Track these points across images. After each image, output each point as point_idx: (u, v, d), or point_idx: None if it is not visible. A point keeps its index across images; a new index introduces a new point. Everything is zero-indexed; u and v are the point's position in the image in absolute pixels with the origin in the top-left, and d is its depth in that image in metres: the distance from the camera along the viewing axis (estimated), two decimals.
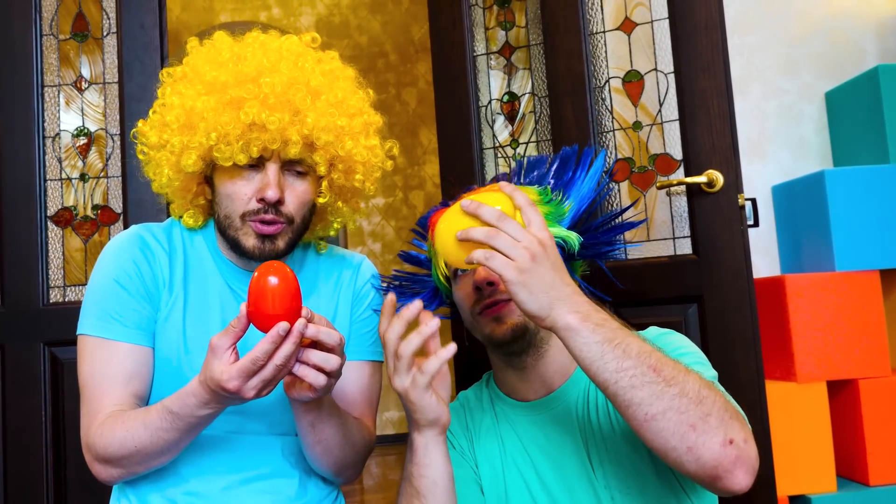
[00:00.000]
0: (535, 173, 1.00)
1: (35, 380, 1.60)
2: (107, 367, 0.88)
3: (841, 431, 1.72)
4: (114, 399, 0.86)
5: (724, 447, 0.68)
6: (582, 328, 0.71)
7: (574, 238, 0.90)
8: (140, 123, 0.93)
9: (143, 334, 0.90)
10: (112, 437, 0.83)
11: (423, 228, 1.04)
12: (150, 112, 0.92)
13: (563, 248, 0.91)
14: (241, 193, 0.87)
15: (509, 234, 0.72)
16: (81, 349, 0.90)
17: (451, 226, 0.75)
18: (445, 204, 1.01)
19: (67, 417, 1.60)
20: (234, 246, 0.90)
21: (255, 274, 0.73)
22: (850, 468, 1.71)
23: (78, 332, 0.91)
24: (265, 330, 0.73)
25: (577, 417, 0.90)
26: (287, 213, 0.89)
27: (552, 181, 0.96)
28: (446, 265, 0.95)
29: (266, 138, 0.84)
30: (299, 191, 0.90)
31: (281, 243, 0.89)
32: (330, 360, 0.76)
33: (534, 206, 0.75)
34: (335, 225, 1.02)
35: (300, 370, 0.76)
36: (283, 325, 0.71)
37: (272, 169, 0.87)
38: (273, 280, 0.72)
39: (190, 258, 0.95)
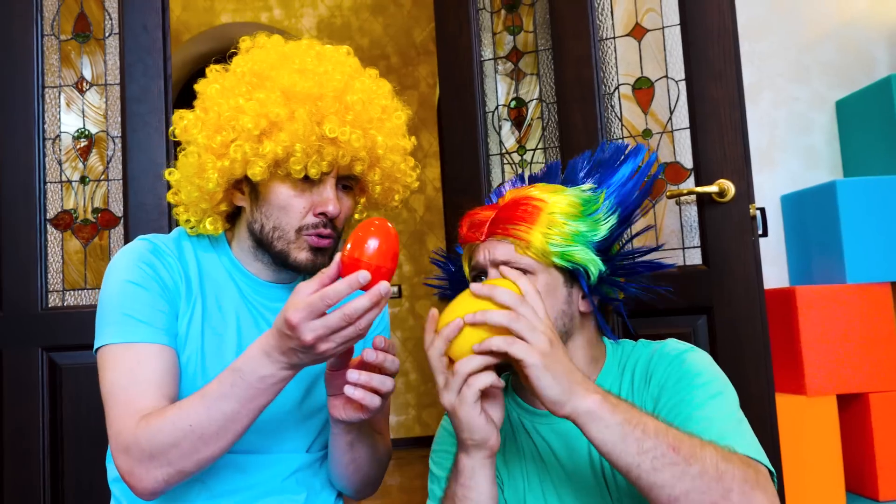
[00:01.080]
0: (577, 168, 0.98)
1: (33, 385, 1.57)
2: (135, 370, 0.81)
3: (850, 446, 1.69)
4: (148, 402, 0.80)
5: None
6: (602, 411, 0.71)
7: (595, 267, 0.88)
8: (182, 121, 0.88)
9: (169, 336, 0.85)
10: (163, 423, 0.76)
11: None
12: (197, 111, 0.88)
13: (586, 275, 0.89)
14: (297, 207, 0.85)
15: (528, 318, 0.72)
16: (103, 362, 0.84)
17: (460, 312, 0.74)
18: (490, 200, 1.00)
19: (66, 424, 1.57)
20: (280, 258, 0.87)
21: (361, 226, 0.72)
22: (860, 483, 1.69)
23: (97, 346, 0.85)
24: None
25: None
26: (338, 226, 0.89)
27: (597, 175, 0.95)
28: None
29: (338, 153, 0.83)
30: (346, 205, 0.89)
31: (327, 257, 0.89)
32: (387, 383, 0.76)
33: (538, 294, 0.75)
34: None
35: (356, 393, 0.75)
36: (363, 274, 0.69)
37: (332, 183, 0.86)
38: (375, 238, 0.71)
39: (204, 270, 0.92)
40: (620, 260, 0.93)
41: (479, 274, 0.90)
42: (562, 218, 0.87)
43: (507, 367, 0.89)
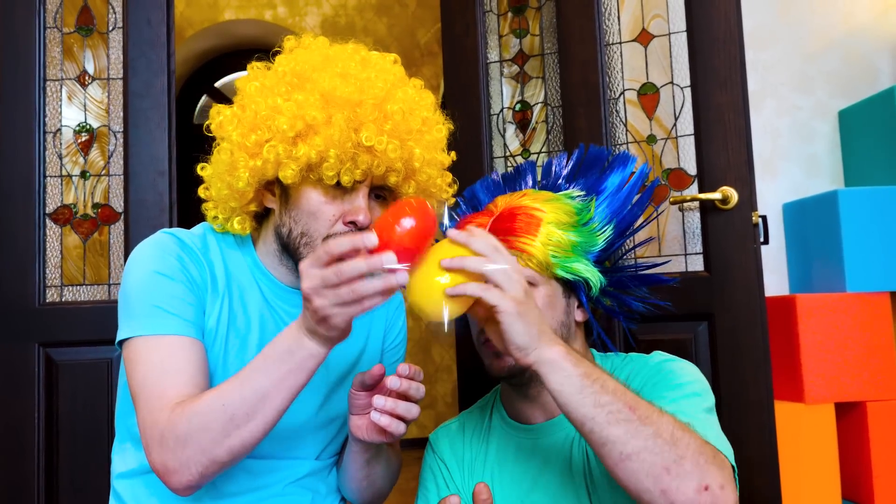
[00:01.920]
0: (556, 172, 0.97)
1: (29, 381, 1.56)
2: (166, 363, 0.79)
3: (847, 453, 1.70)
4: (182, 390, 0.78)
5: (699, 493, 0.68)
6: (564, 362, 0.71)
7: (596, 280, 0.88)
8: (219, 117, 0.86)
9: (197, 330, 0.83)
10: (199, 404, 0.74)
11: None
12: (235, 107, 0.85)
13: (586, 287, 0.89)
14: (327, 214, 0.83)
15: (503, 265, 0.71)
16: (132, 355, 0.81)
17: (437, 258, 0.72)
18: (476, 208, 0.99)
19: (61, 420, 1.56)
20: None
21: (396, 205, 0.71)
22: (856, 491, 1.69)
23: (122, 338, 0.83)
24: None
25: (577, 447, 0.89)
26: None
27: (581, 181, 0.94)
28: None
29: (373, 163, 0.81)
30: (377, 216, 0.87)
31: None
32: (412, 410, 0.76)
33: (501, 250, 0.73)
34: None
35: (382, 420, 0.75)
36: (371, 238, 0.67)
37: (364, 192, 0.84)
38: (410, 218, 0.69)
39: (230, 268, 0.89)
40: (620, 273, 0.93)
41: None
42: (558, 229, 0.87)
43: (517, 376, 0.89)
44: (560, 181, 0.96)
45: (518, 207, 0.89)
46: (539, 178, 1.00)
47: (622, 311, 0.96)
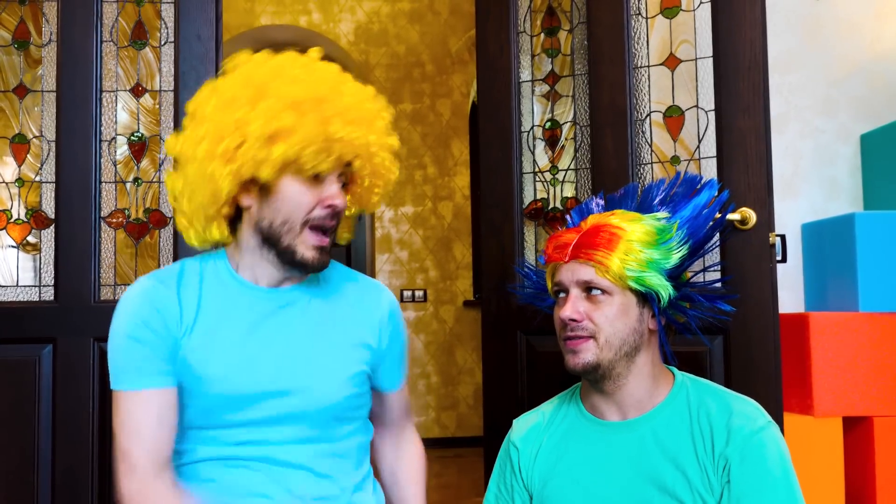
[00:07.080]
0: (652, 196, 1.08)
1: (84, 373, 1.67)
2: (132, 417, 0.93)
3: (853, 466, 1.76)
4: (143, 449, 0.93)
5: None
6: None
7: (666, 292, 0.99)
8: (178, 141, 0.95)
9: (165, 377, 0.94)
10: None
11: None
12: (193, 127, 0.93)
13: (657, 299, 1.00)
14: (305, 201, 0.93)
15: None
16: (113, 402, 0.96)
17: None
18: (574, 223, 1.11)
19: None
20: (287, 254, 0.94)
21: None
22: (860, 502, 1.75)
23: (111, 388, 0.98)
24: None
25: (648, 453, 0.98)
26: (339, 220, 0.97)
27: (671, 205, 1.06)
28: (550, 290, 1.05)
29: (343, 151, 0.92)
30: (345, 199, 0.97)
31: (328, 256, 0.96)
32: None
33: None
34: (345, 234, 1.07)
35: None
36: None
37: (335, 178, 0.94)
38: None
39: (207, 292, 0.98)
40: (689, 288, 1.05)
41: (561, 290, 1.02)
42: (638, 246, 0.98)
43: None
44: (655, 203, 1.08)
45: (603, 225, 1.01)
46: (638, 200, 1.11)
47: (684, 325, 1.08)
